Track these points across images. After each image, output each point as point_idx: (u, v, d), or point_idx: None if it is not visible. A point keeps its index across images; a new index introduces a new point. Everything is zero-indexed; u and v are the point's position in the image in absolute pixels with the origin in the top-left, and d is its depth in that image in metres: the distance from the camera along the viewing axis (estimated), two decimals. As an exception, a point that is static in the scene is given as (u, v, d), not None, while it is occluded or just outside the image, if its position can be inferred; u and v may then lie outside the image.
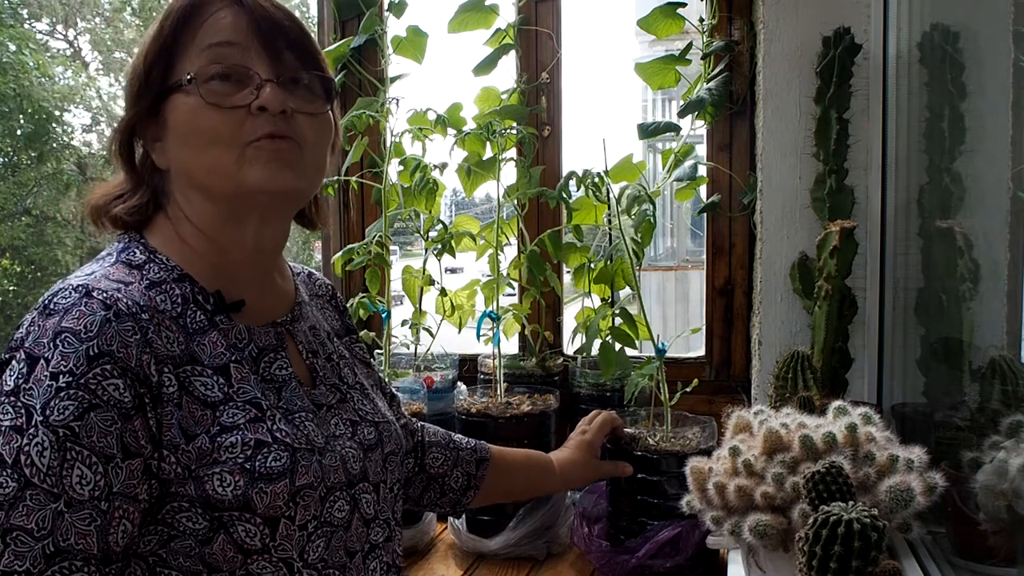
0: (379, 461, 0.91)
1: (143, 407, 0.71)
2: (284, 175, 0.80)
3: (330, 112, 0.87)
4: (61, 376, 0.68)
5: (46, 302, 0.73)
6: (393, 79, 1.84)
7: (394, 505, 0.94)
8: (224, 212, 0.83)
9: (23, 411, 0.68)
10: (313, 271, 1.07)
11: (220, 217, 0.83)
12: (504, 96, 1.80)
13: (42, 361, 0.69)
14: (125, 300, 0.73)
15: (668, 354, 1.48)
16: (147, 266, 0.81)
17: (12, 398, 0.68)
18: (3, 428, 0.67)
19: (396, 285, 1.81)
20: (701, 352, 1.82)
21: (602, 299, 1.71)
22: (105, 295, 0.73)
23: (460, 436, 1.24)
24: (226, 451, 0.74)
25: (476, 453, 1.21)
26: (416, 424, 1.19)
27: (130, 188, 0.86)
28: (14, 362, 0.70)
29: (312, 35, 0.87)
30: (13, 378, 0.69)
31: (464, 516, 1.53)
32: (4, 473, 0.66)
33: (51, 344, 0.69)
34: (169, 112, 0.80)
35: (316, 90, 0.85)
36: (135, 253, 0.82)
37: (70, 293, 0.73)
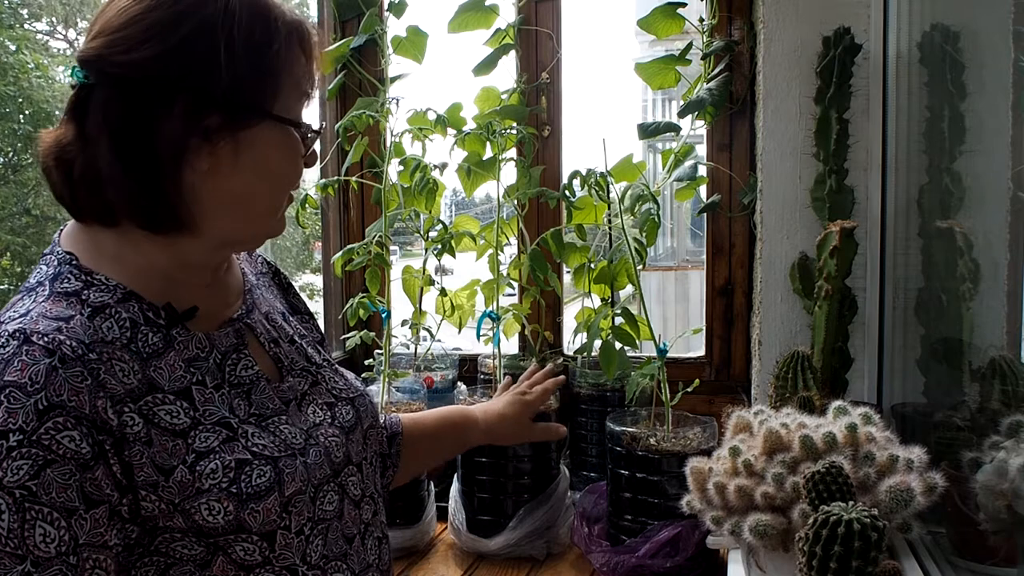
0: (359, 440, 0.89)
1: (103, 454, 0.67)
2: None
3: None
4: (11, 435, 0.63)
5: None
6: (393, 79, 1.84)
7: (375, 478, 0.92)
8: None
9: None
10: None
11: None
12: (504, 96, 1.80)
13: None
14: (69, 342, 0.67)
15: (668, 354, 1.48)
16: (85, 292, 0.73)
17: None
18: None
19: (396, 285, 1.81)
20: (701, 352, 1.82)
21: (602, 299, 1.71)
22: (46, 339, 0.67)
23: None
24: (208, 478, 0.71)
25: (387, 429, 1.09)
26: None
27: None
28: None
29: None
30: None
31: (464, 516, 1.53)
32: None
33: None
34: (251, 135, 0.76)
35: None
36: (69, 280, 0.74)
37: (7, 341, 0.67)
